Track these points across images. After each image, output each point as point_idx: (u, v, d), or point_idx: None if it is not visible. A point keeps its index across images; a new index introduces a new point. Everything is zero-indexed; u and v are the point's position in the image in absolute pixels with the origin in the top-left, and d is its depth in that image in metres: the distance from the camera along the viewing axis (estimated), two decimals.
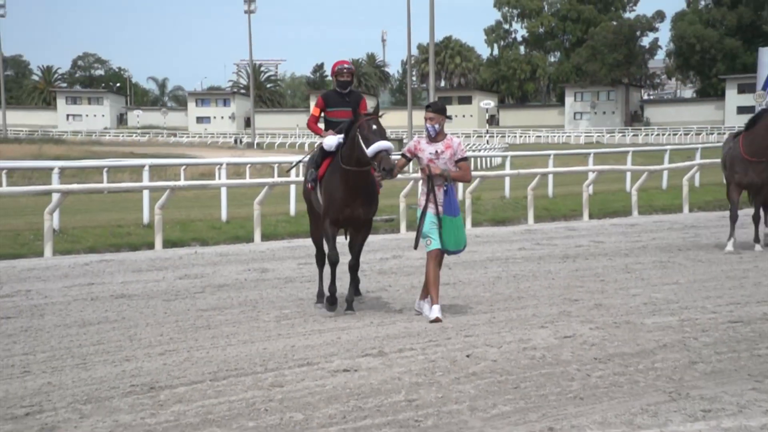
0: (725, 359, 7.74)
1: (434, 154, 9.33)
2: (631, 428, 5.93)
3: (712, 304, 10.16)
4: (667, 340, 8.44)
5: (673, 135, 77.74)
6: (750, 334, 8.68)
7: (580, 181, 23.09)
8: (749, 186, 14.46)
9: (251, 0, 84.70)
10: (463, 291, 11.39)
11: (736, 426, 5.94)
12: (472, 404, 6.54)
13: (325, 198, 9.88)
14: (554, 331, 8.85)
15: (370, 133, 9.34)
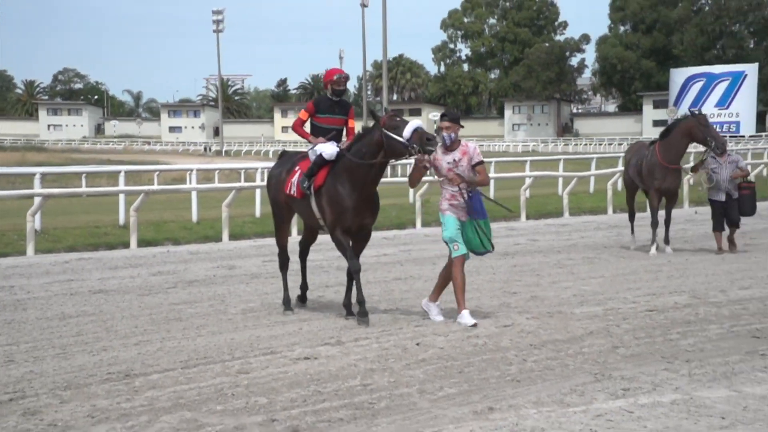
0: (642, 344, 7.84)
1: (452, 163, 8.61)
2: (562, 406, 5.97)
3: (632, 295, 10.30)
4: (593, 328, 8.53)
5: (599, 145, 78.57)
6: (664, 321, 8.81)
7: (518, 186, 23.21)
8: (667, 191, 14.09)
9: (219, 20, 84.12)
10: (414, 285, 11.41)
11: (651, 402, 6.03)
12: (421, 387, 6.55)
13: (332, 208, 8.96)
14: (495, 321, 8.90)
15: (398, 122, 8.63)
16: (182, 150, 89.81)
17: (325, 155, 9.05)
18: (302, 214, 9.67)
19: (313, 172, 9.09)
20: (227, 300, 10.49)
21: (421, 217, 19.96)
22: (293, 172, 9.40)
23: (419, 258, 14.12)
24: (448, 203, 8.68)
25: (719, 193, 13.78)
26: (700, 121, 13.45)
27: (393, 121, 8.65)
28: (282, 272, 10.12)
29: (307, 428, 5.68)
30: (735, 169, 13.78)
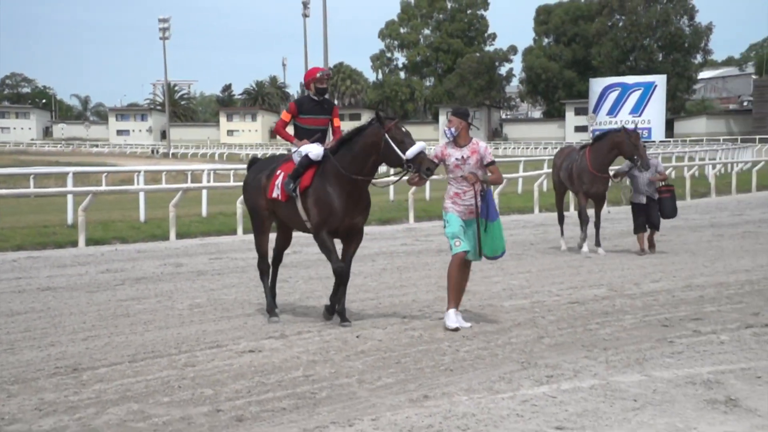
0: (565, 333, 7.96)
1: (460, 160, 8.05)
2: (491, 393, 6.04)
3: (556, 289, 10.46)
4: (521, 319, 8.64)
5: (526, 148, 79.48)
6: (584, 312, 8.96)
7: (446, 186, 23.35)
8: (595, 195, 13.97)
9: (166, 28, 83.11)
10: (354, 281, 11.36)
11: (572, 387, 6.13)
12: (360, 378, 6.56)
13: (320, 208, 8.32)
14: (430, 313, 8.96)
15: (403, 136, 7.99)
16: (130, 152, 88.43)
17: (312, 156, 8.42)
18: (287, 218, 8.93)
19: (299, 173, 8.45)
20: (174, 296, 10.36)
21: None
22: (275, 176, 8.73)
23: (359, 255, 14.08)
24: (452, 201, 8.15)
25: (640, 196, 13.74)
26: (631, 138, 13.40)
27: (399, 133, 8.00)
28: (263, 280, 9.33)
29: (251, 418, 5.65)
30: (654, 173, 13.75)
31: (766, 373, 6.43)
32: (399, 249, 15.10)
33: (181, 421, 5.59)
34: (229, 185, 24.44)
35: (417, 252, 14.61)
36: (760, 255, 13.10)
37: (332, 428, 5.37)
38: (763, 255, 13.08)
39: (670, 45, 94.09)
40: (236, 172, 33.39)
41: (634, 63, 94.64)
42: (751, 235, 16.17)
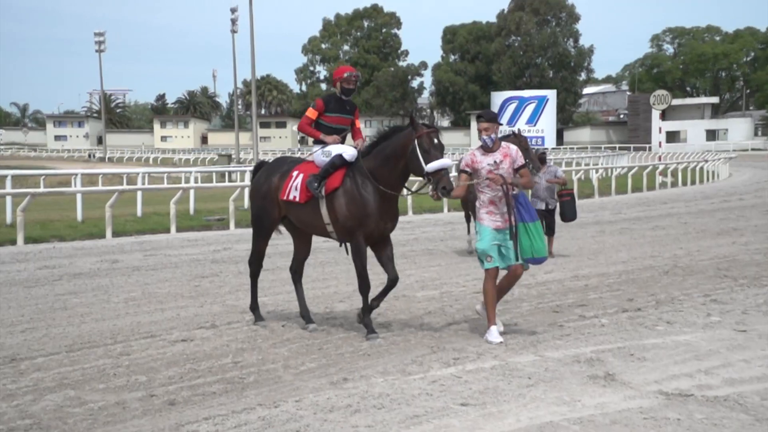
0: (470, 320, 8.01)
1: (493, 165, 7.04)
2: (404, 375, 6.09)
3: (462, 280, 10.58)
4: (432, 308, 8.71)
5: None
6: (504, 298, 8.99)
7: None
8: None
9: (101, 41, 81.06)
10: (280, 275, 11.34)
11: (475, 368, 6.22)
12: (285, 363, 6.53)
13: (353, 210, 7.25)
14: (350, 304, 8.97)
15: (431, 147, 6.99)
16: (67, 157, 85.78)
17: (346, 156, 7.41)
18: (302, 222, 7.79)
19: (328, 173, 7.40)
20: (110, 290, 10.11)
21: None
22: (289, 177, 7.71)
23: (285, 251, 14.01)
24: (486, 211, 7.08)
25: (538, 202, 12.93)
26: (521, 143, 12.57)
27: (427, 142, 7.00)
28: (252, 280, 8.31)
29: (183, 402, 5.56)
30: (552, 178, 13.24)
31: (638, 351, 6.66)
32: (322, 245, 14.99)
33: (116, 406, 5.46)
34: (163, 187, 24.01)
35: (338, 248, 14.45)
36: (635, 248, 13.50)
37: (259, 410, 5.33)
38: (637, 248, 13.49)
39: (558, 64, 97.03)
40: (169, 175, 32.79)
41: (529, 79, 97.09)
42: (627, 231, 16.64)
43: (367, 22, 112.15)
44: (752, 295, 9.05)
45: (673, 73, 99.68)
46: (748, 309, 8.27)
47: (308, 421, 5.11)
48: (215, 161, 57.97)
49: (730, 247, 13.16)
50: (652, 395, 5.48)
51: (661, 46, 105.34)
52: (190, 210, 20.89)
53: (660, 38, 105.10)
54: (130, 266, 12.36)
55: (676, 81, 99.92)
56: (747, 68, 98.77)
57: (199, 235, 17.25)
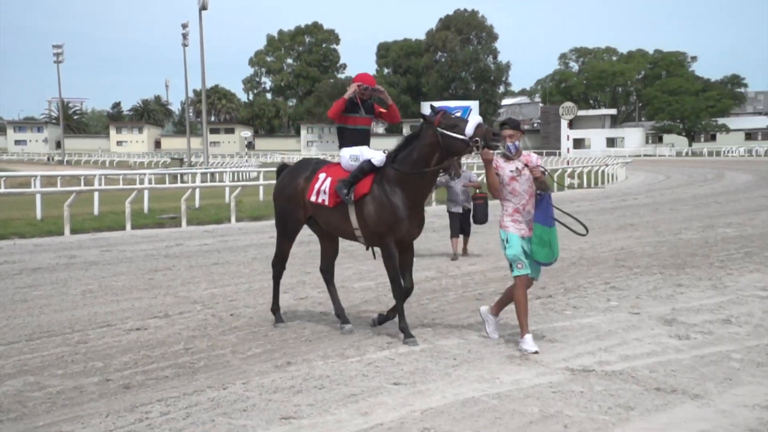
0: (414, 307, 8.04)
1: (515, 172, 6.33)
2: (342, 358, 6.08)
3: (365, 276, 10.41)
4: (368, 297, 8.71)
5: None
6: (417, 290, 8.84)
7: None
8: None
9: (59, 53, 78.79)
10: (229, 269, 11.19)
11: (407, 351, 6.25)
12: (233, 349, 6.45)
13: (384, 216, 6.55)
14: (293, 295, 8.90)
15: (455, 120, 6.40)
16: (27, 159, 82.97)
17: (375, 162, 6.68)
18: (330, 225, 7.03)
19: (357, 178, 6.67)
20: (68, 284, 9.82)
21: (235, 214, 19.59)
22: (315, 179, 6.97)
23: (234, 247, 13.87)
24: (511, 219, 6.36)
25: (456, 206, 12.40)
26: None
27: (448, 120, 6.41)
28: (275, 282, 7.56)
29: (138, 385, 5.44)
30: (467, 182, 12.78)
31: (549, 333, 6.78)
32: (268, 241, 14.89)
33: (74, 390, 5.32)
34: (118, 188, 23.43)
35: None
36: None
37: (209, 391, 5.25)
38: None
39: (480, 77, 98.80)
40: (125, 176, 32.02)
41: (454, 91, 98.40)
42: None
43: (308, 38, 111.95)
44: (644, 282, 9.31)
45: (578, 88, 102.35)
46: (640, 294, 8.50)
47: (254, 401, 5.05)
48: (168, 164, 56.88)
49: (626, 241, 13.51)
50: (560, 371, 5.59)
51: (568, 64, 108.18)
52: (145, 209, 20.46)
53: (567, 56, 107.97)
54: (88, 261, 12.03)
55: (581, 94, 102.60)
56: (639, 84, 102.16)
57: (153, 232, 16.90)
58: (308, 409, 4.87)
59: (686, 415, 4.65)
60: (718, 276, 9.51)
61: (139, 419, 4.75)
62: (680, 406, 4.80)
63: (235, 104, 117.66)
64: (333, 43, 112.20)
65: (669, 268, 10.30)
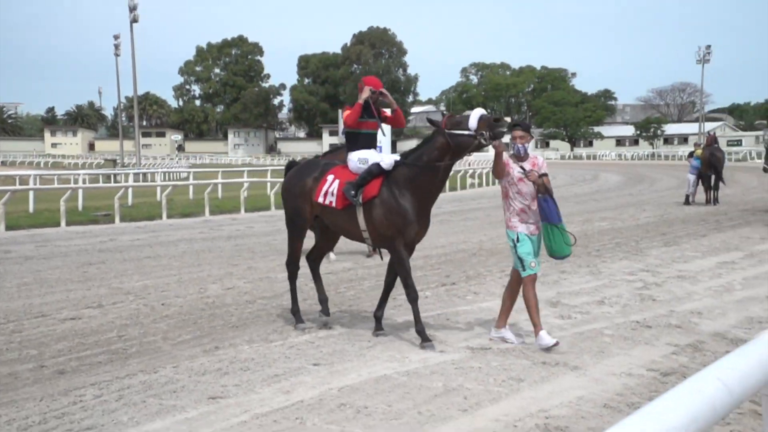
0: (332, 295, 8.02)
1: (523, 173, 5.92)
2: (267, 342, 6.02)
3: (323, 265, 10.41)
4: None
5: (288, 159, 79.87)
6: (336, 280, 9.05)
7: (239, 188, 22.89)
8: None
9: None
10: (161, 262, 10.87)
11: (326, 335, 6.23)
12: (164, 336, 6.28)
13: (393, 219, 5.96)
14: (221, 285, 8.73)
15: (459, 118, 5.91)
16: None
17: (384, 165, 6.09)
18: (337, 226, 6.46)
19: (366, 181, 6.09)
20: (3, 277, 9.31)
21: (166, 212, 19.03)
22: (323, 180, 6.38)
23: (165, 241, 13.47)
24: (519, 218, 5.92)
25: None
26: None
27: (453, 120, 5.93)
28: (291, 283, 6.91)
29: (72, 371, 5.23)
30: None
31: (453, 316, 6.91)
32: (197, 236, 14.56)
33: (9, 377, 5.06)
34: (53, 187, 22.39)
35: (212, 238, 14.15)
36: (452, 236, 13.98)
37: (140, 375, 5.10)
38: (453, 236, 13.97)
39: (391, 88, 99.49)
40: (60, 177, 30.59)
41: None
42: (446, 222, 17.16)
43: (234, 50, 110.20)
44: None
45: (477, 98, 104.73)
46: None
47: (184, 383, 4.93)
48: (101, 165, 54.75)
49: None
50: (461, 350, 5.70)
51: (468, 77, 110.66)
52: (79, 207, 19.61)
53: (467, 70, 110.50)
54: (23, 256, 11.43)
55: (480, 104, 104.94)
56: (529, 96, 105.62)
57: (87, 228, 16.21)
58: (234, 389, 4.79)
59: (567, 384, 4.84)
60: (594, 263, 9.91)
61: (72, 402, 4.57)
62: (562, 377, 4.98)
63: (166, 110, 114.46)
64: (257, 54, 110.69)
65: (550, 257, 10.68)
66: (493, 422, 4.10)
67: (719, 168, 19.30)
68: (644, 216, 16.82)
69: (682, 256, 10.38)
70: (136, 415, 4.34)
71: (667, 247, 11.35)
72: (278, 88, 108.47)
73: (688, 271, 9.15)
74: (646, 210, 18.32)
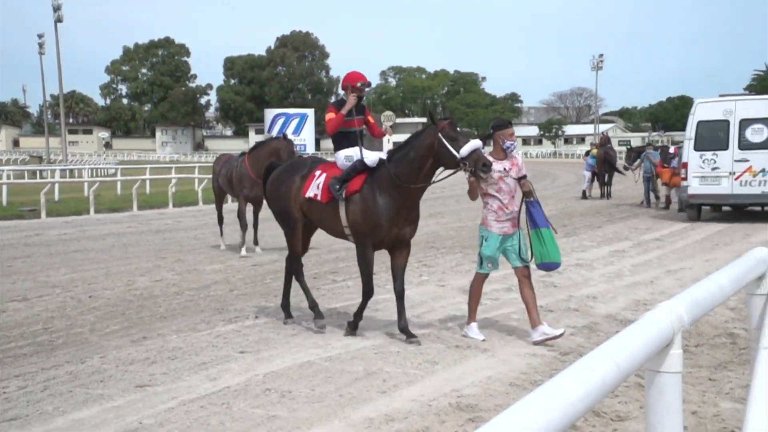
0: (249, 287, 7.92)
1: (503, 172, 5.57)
2: (194, 332, 5.86)
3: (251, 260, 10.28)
4: (218, 278, 8.44)
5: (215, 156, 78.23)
6: (262, 271, 8.92)
7: (167, 184, 22.16)
8: (254, 199, 10.48)
9: None
10: (88, 255, 10.39)
11: (252, 324, 6.09)
12: (92, 327, 6.02)
13: (366, 218, 5.61)
14: (150, 278, 8.44)
15: (457, 134, 5.39)
16: None
17: (368, 162, 5.75)
18: (320, 221, 6.03)
19: (350, 176, 5.73)
20: None
21: (94, 207, 18.20)
22: (311, 176, 5.97)
23: (93, 236, 12.90)
24: (495, 217, 5.59)
25: None
26: (288, 145, 10.38)
27: (452, 131, 5.39)
28: (287, 277, 6.38)
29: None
30: None
31: (373, 304, 6.84)
32: (125, 230, 14.02)
33: None
34: None
35: (140, 232, 13.66)
36: None
37: (67, 366, 4.87)
38: None
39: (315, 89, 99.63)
40: None
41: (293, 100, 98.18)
42: None
43: (161, 51, 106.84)
44: (449, 260, 9.77)
45: (396, 99, 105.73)
46: (446, 270, 8.91)
47: (111, 372, 4.74)
48: (27, 161, 51.78)
49: (435, 226, 14.09)
50: (381, 336, 5.72)
51: (387, 79, 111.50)
52: (4, 202, 18.49)
53: (386, 73, 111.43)
54: None
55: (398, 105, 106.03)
56: (444, 98, 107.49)
57: (12, 223, 15.31)
58: (162, 378, 4.64)
59: (477, 365, 4.94)
60: None
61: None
62: (473, 359, 5.08)
63: (93, 108, 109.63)
64: (184, 55, 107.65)
65: (467, 248, 10.86)
66: (410, 402, 4.14)
67: (613, 165, 20.30)
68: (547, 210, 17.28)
69: (580, 246, 10.81)
70: (62, 404, 4.14)
71: (567, 238, 11.78)
72: (205, 88, 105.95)
73: (585, 259, 9.53)
74: (549, 204, 18.98)
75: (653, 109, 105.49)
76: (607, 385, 1.38)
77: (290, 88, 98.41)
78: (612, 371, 1.40)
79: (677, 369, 1.69)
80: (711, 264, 8.49)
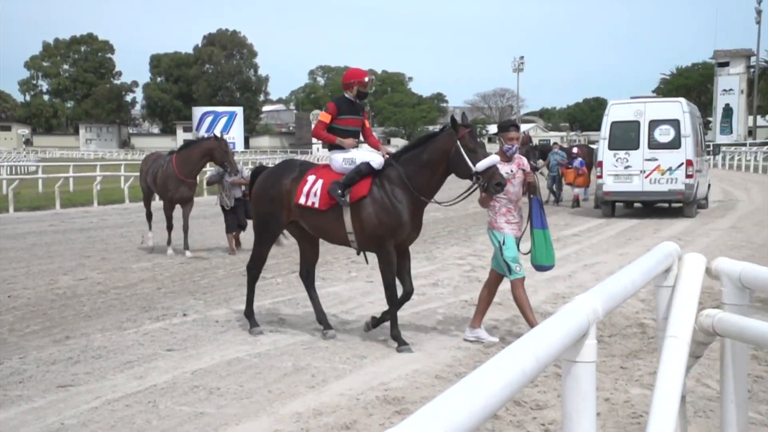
0: (177, 284, 7.68)
1: (510, 174, 5.31)
2: (120, 330, 5.63)
3: (170, 255, 9.93)
4: (145, 276, 8.14)
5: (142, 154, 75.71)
6: (191, 269, 8.63)
7: (91, 182, 21.16)
8: (180, 200, 9.95)
9: None
10: (8, 254, 9.79)
11: (180, 321, 5.95)
12: (11, 327, 5.68)
13: (385, 219, 5.20)
14: (73, 276, 8.04)
15: (477, 146, 5.07)
16: None
17: (374, 164, 5.29)
18: (319, 228, 5.53)
19: (354, 180, 5.28)
20: None
21: (14, 205, 17.14)
22: (303, 182, 5.47)
23: (12, 234, 12.18)
24: (505, 219, 5.36)
25: (230, 200, 10.05)
26: (221, 145, 9.89)
27: (471, 142, 5.06)
28: (250, 285, 5.81)
29: None
30: (239, 178, 10.00)
31: (302, 301, 6.75)
32: (47, 229, 13.30)
33: None
34: None
35: (63, 231, 12.99)
36: None
37: None
38: None
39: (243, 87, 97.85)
40: None
41: (222, 98, 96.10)
42: None
43: (84, 47, 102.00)
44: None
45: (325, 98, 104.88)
46: (374, 266, 8.75)
47: (31, 373, 4.48)
48: None
49: None
50: (310, 332, 5.65)
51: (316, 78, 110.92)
52: None
53: (315, 72, 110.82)
54: None
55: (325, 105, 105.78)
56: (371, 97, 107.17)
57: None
58: (86, 377, 4.42)
59: (404, 359, 4.96)
60: (430, 249, 10.27)
61: None
62: (400, 353, 5.09)
63: (11, 104, 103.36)
64: (108, 52, 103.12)
65: None
66: (338, 396, 4.12)
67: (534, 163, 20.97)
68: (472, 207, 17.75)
69: None
70: None
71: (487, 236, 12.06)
72: (130, 85, 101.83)
73: None
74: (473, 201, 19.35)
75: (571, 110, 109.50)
76: (527, 375, 1.41)
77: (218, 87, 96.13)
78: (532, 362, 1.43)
79: (592, 359, 1.74)
80: (624, 258, 8.82)
